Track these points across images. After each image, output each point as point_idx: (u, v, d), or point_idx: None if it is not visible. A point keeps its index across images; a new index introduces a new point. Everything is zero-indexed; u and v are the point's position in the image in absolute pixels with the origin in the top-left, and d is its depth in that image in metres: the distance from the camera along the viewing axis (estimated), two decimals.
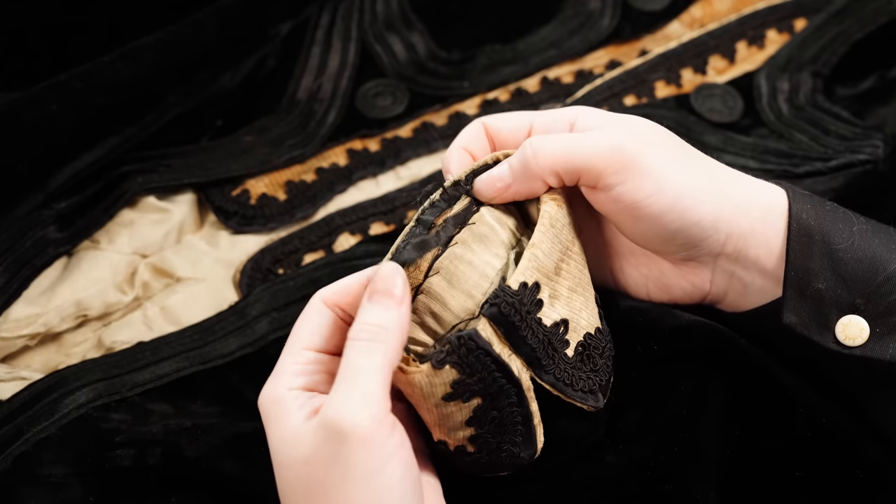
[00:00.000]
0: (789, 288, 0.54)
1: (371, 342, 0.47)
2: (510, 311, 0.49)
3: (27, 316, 0.69)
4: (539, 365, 0.51)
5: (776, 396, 0.57)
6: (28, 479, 0.60)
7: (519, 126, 0.57)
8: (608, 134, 0.53)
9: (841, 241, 0.53)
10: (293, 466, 0.47)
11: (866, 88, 0.81)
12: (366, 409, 0.46)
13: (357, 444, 0.45)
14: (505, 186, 0.54)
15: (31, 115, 0.76)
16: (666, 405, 0.58)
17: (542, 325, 0.51)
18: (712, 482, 0.55)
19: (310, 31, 0.84)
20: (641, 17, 0.86)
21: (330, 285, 0.52)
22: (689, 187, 0.53)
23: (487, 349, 0.49)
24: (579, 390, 0.53)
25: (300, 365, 0.50)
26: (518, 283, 0.50)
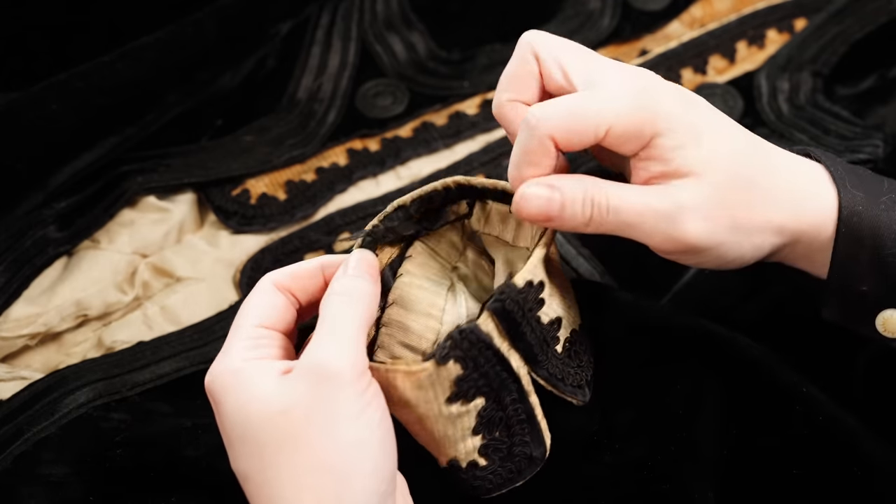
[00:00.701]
0: (831, 287, 0.53)
1: (350, 299, 0.49)
2: (514, 308, 0.50)
3: (27, 315, 0.69)
4: (535, 360, 0.52)
5: (773, 394, 0.57)
6: (28, 479, 0.60)
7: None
8: (674, 222, 0.50)
9: (893, 244, 0.51)
10: (267, 419, 0.46)
11: (866, 88, 0.81)
12: (349, 357, 0.47)
13: (342, 387, 0.46)
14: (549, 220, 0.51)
15: (31, 114, 0.76)
16: (662, 404, 0.58)
17: (539, 323, 0.52)
18: (710, 481, 0.55)
19: (310, 31, 0.84)
20: (641, 17, 0.86)
21: (280, 269, 0.53)
22: (735, 251, 0.52)
23: (488, 342, 0.50)
24: (570, 385, 0.54)
25: (252, 340, 0.50)
26: (524, 282, 0.50)
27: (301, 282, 0.52)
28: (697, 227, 0.51)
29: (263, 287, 0.52)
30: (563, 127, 0.49)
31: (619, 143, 0.50)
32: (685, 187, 0.50)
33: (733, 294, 0.64)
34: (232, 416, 0.48)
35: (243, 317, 0.51)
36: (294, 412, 0.46)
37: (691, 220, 0.50)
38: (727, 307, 0.64)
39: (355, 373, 0.47)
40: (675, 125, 0.50)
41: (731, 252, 0.53)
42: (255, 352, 0.49)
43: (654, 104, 0.50)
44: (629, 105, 0.49)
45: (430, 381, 0.50)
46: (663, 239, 0.51)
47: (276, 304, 0.51)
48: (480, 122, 0.81)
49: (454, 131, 0.80)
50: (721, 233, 0.51)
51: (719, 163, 0.51)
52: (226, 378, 0.48)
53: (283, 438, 0.46)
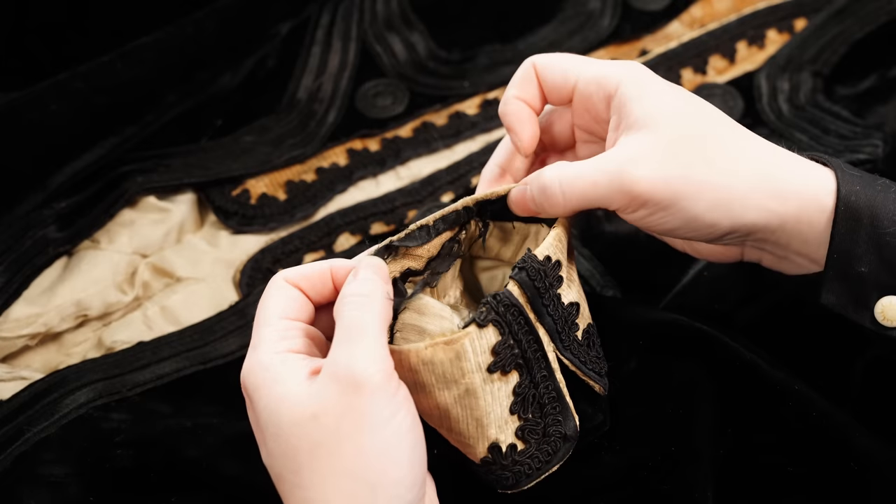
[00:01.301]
0: (830, 270, 0.53)
1: (367, 300, 0.49)
2: (537, 277, 0.52)
3: (27, 316, 0.69)
4: (559, 339, 0.53)
5: (766, 393, 0.57)
6: (28, 479, 0.60)
7: (564, 81, 0.57)
8: (620, 173, 0.53)
9: (890, 223, 0.52)
10: (299, 423, 0.47)
11: (866, 88, 0.81)
12: (377, 362, 0.47)
13: (370, 394, 0.46)
14: (533, 212, 0.56)
15: (31, 114, 0.77)
16: (661, 405, 0.58)
17: (560, 302, 0.53)
18: (709, 480, 0.55)
19: (310, 31, 0.84)
20: (641, 17, 0.86)
21: (290, 268, 0.53)
22: (703, 211, 0.53)
23: (520, 307, 0.51)
24: (592, 370, 0.55)
25: (280, 331, 0.50)
26: (543, 255, 0.52)
27: (310, 282, 0.53)
28: (647, 175, 0.52)
29: (277, 283, 0.52)
30: (544, 60, 0.57)
31: (589, 92, 0.56)
32: (634, 140, 0.53)
33: (732, 297, 0.64)
34: (265, 413, 0.48)
35: (265, 312, 0.51)
36: (325, 419, 0.46)
37: (640, 169, 0.52)
38: (725, 310, 0.64)
39: (384, 377, 0.47)
40: (633, 78, 0.55)
41: (702, 216, 0.53)
42: (283, 343, 0.49)
43: (616, 66, 0.56)
44: (596, 64, 0.57)
45: (472, 348, 0.50)
46: (620, 195, 0.53)
47: (294, 297, 0.52)
48: (480, 122, 0.81)
49: (454, 131, 0.80)
50: (677, 184, 0.52)
51: (670, 116, 0.53)
52: (258, 374, 0.49)
53: (314, 444, 0.47)
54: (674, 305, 0.66)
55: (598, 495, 0.56)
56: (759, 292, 0.64)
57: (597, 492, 0.56)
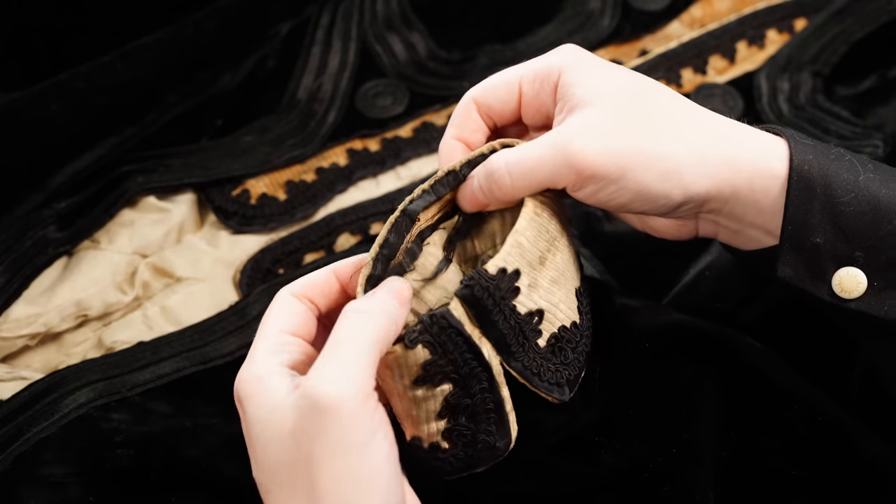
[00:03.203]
0: (785, 242, 0.52)
1: (366, 317, 0.48)
2: (483, 295, 0.50)
3: (27, 316, 0.69)
4: (508, 351, 0.51)
5: (772, 394, 0.57)
6: (28, 479, 0.60)
7: (509, 93, 0.56)
8: (566, 145, 0.52)
9: (844, 193, 0.51)
10: (280, 440, 0.46)
11: (866, 88, 0.81)
12: (349, 384, 0.45)
13: (341, 419, 0.45)
14: (483, 205, 0.55)
15: (31, 114, 0.77)
16: (662, 405, 0.58)
17: (515, 313, 0.51)
18: (710, 482, 0.55)
19: (310, 31, 0.84)
20: (641, 17, 0.86)
21: (295, 281, 0.52)
22: (655, 180, 0.52)
23: (459, 328, 0.49)
24: (546, 381, 0.53)
25: (276, 345, 0.50)
26: (496, 269, 0.50)
27: (316, 289, 0.52)
28: (593, 147, 0.51)
29: (282, 297, 0.52)
30: (482, 87, 0.57)
31: (535, 90, 0.55)
32: (578, 116, 0.53)
33: (732, 297, 0.64)
34: (256, 425, 0.47)
35: (265, 326, 0.51)
36: (300, 437, 0.45)
37: (585, 141, 0.51)
38: (727, 309, 0.64)
39: (357, 401, 0.45)
40: (574, 63, 0.54)
41: (653, 186, 0.52)
42: (276, 357, 0.49)
43: (555, 55, 0.56)
44: (534, 60, 0.56)
45: (396, 364, 0.50)
46: (566, 169, 0.52)
47: (297, 311, 0.51)
48: None
49: None
50: (624, 154, 0.51)
51: (613, 91, 0.53)
52: (248, 385, 0.48)
53: (293, 463, 0.46)
54: (674, 305, 0.66)
55: (598, 495, 0.56)
56: (760, 291, 0.64)
57: (596, 491, 0.56)
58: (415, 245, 0.55)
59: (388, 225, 0.54)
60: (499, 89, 0.56)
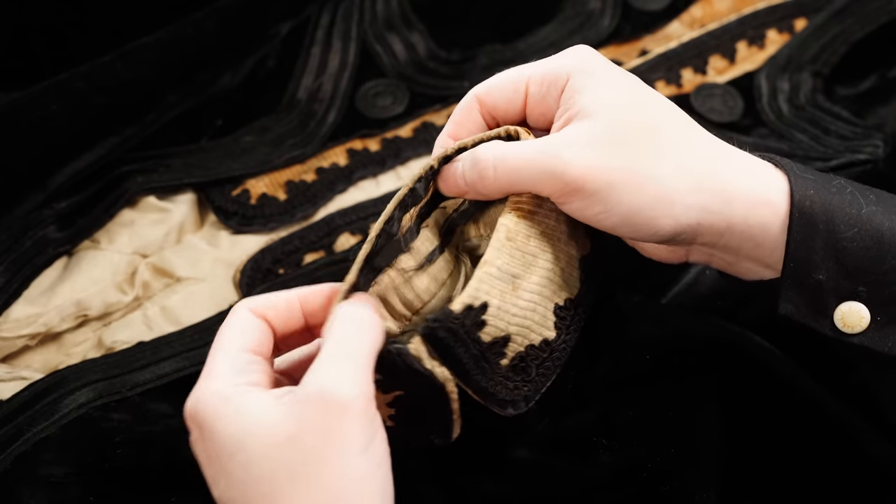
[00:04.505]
0: (787, 279, 0.51)
1: (362, 324, 0.48)
2: (446, 335, 0.49)
3: (27, 316, 0.69)
4: (466, 376, 0.51)
5: (776, 394, 0.57)
6: (28, 479, 0.60)
7: (515, 95, 0.54)
8: (555, 153, 0.50)
9: (847, 228, 0.50)
10: (275, 447, 0.45)
11: (866, 88, 0.81)
12: (361, 385, 0.46)
13: (353, 418, 0.45)
14: (462, 193, 0.54)
15: (31, 114, 0.76)
16: (662, 405, 0.58)
17: (478, 343, 0.51)
18: (712, 482, 0.55)
19: (310, 31, 0.84)
20: (641, 17, 0.86)
21: (255, 297, 0.51)
22: (644, 206, 0.50)
23: (414, 367, 0.49)
24: (500, 399, 0.52)
25: (239, 364, 0.48)
26: (463, 306, 0.50)
27: (277, 311, 0.51)
28: (581, 161, 0.50)
29: (240, 312, 0.50)
30: (487, 85, 0.55)
31: (542, 93, 0.53)
32: (575, 126, 0.51)
33: (732, 297, 0.64)
34: (230, 443, 0.46)
35: (225, 340, 0.49)
36: (304, 440, 0.45)
37: (574, 153, 0.50)
38: (726, 310, 0.64)
39: (365, 402, 0.46)
40: (583, 68, 0.52)
41: (641, 212, 0.50)
42: (244, 377, 0.48)
43: (566, 56, 0.54)
44: (544, 61, 0.54)
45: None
46: (550, 178, 0.50)
47: (257, 328, 0.50)
48: None
49: None
50: (614, 171, 0.50)
51: (614, 106, 0.51)
52: (216, 404, 0.46)
53: (293, 466, 0.45)
54: (675, 304, 0.66)
55: (597, 495, 0.56)
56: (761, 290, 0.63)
57: (595, 492, 0.56)
58: (413, 225, 0.54)
59: (395, 201, 0.53)
60: (505, 88, 0.55)
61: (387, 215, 0.53)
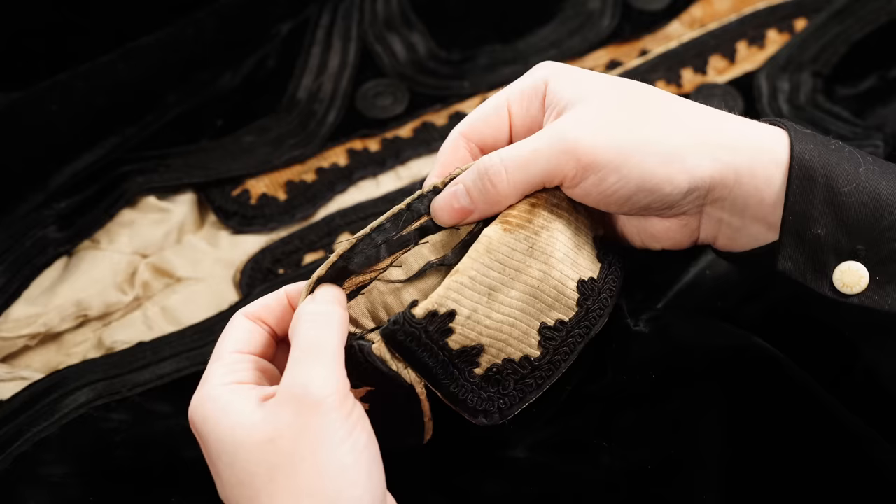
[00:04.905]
0: (786, 234, 0.51)
1: (324, 319, 0.49)
2: (405, 339, 0.50)
3: (27, 316, 0.69)
4: (434, 379, 0.52)
5: (780, 397, 0.57)
6: (28, 479, 0.60)
7: (500, 120, 0.55)
8: (561, 134, 0.51)
9: (845, 183, 0.50)
10: (253, 449, 0.46)
11: (866, 88, 0.81)
12: (333, 382, 0.47)
13: (326, 413, 0.46)
14: (465, 214, 0.53)
15: (31, 115, 0.77)
16: (663, 407, 0.58)
17: (446, 349, 0.51)
18: (713, 485, 0.55)
19: (310, 31, 0.84)
20: (642, 17, 0.86)
21: (250, 304, 0.53)
22: (657, 164, 0.51)
23: (377, 365, 0.50)
24: (472, 408, 0.53)
25: (228, 365, 0.50)
26: (425, 312, 0.50)
27: (270, 310, 0.53)
28: (591, 134, 0.50)
29: (235, 319, 0.52)
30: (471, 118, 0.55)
31: (524, 107, 0.54)
32: (569, 113, 0.52)
33: (733, 297, 0.64)
34: (217, 444, 0.48)
35: (219, 348, 0.51)
36: (281, 441, 0.46)
37: (582, 131, 0.51)
38: (727, 310, 0.64)
39: (339, 396, 0.47)
40: (559, 71, 0.54)
41: (656, 172, 0.51)
42: (231, 376, 0.49)
43: (538, 69, 0.55)
44: (519, 80, 0.55)
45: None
46: (565, 158, 0.51)
47: (250, 330, 0.52)
48: None
49: None
50: (624, 140, 0.51)
51: (604, 89, 0.52)
52: (206, 407, 0.48)
53: (271, 467, 0.46)
54: (675, 304, 0.66)
55: (597, 496, 0.56)
56: (761, 290, 0.64)
57: (595, 492, 0.56)
58: (412, 235, 0.55)
59: (389, 213, 0.54)
60: (489, 117, 0.55)
61: (377, 224, 0.53)
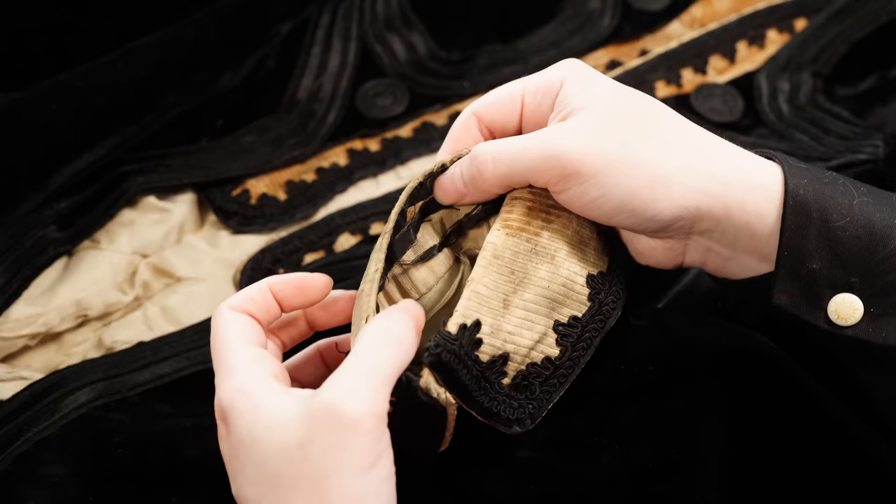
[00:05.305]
0: (781, 269, 0.51)
1: (392, 339, 0.48)
2: (450, 359, 0.50)
3: (27, 316, 0.69)
4: (469, 398, 0.51)
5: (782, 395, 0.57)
6: (28, 479, 0.60)
7: (513, 107, 0.56)
8: (551, 139, 0.51)
9: (839, 217, 0.50)
10: (285, 450, 0.46)
11: (866, 88, 0.81)
12: (374, 403, 0.46)
13: (360, 436, 0.45)
14: (461, 195, 0.54)
15: (31, 115, 0.77)
16: (664, 406, 0.58)
17: (478, 363, 0.51)
18: (714, 484, 0.55)
19: (310, 31, 0.84)
20: (642, 17, 0.86)
21: (232, 296, 0.52)
22: (642, 187, 0.51)
23: (420, 397, 0.50)
24: (505, 419, 0.53)
25: (251, 357, 0.49)
26: (457, 326, 0.50)
27: (256, 304, 0.52)
28: (580, 143, 0.51)
29: (225, 313, 0.51)
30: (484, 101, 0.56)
31: (537, 102, 0.54)
32: (575, 118, 0.52)
33: (731, 298, 0.64)
34: (248, 440, 0.47)
35: (227, 340, 0.50)
36: (311, 449, 0.45)
37: (572, 136, 0.51)
38: (726, 310, 0.64)
39: (376, 420, 0.46)
40: (576, 74, 0.54)
41: (640, 193, 0.51)
42: (261, 368, 0.49)
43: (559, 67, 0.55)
44: (539, 74, 0.55)
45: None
46: (550, 162, 0.51)
47: (248, 323, 0.51)
48: None
49: None
50: (611, 153, 0.51)
51: (607, 99, 0.53)
52: (238, 400, 0.47)
53: (297, 475, 0.45)
54: (675, 304, 0.66)
55: (597, 495, 0.56)
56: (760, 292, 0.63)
57: (596, 491, 0.56)
58: (416, 220, 0.55)
59: (405, 195, 0.54)
60: (503, 101, 0.56)
61: (399, 208, 0.54)
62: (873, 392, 0.57)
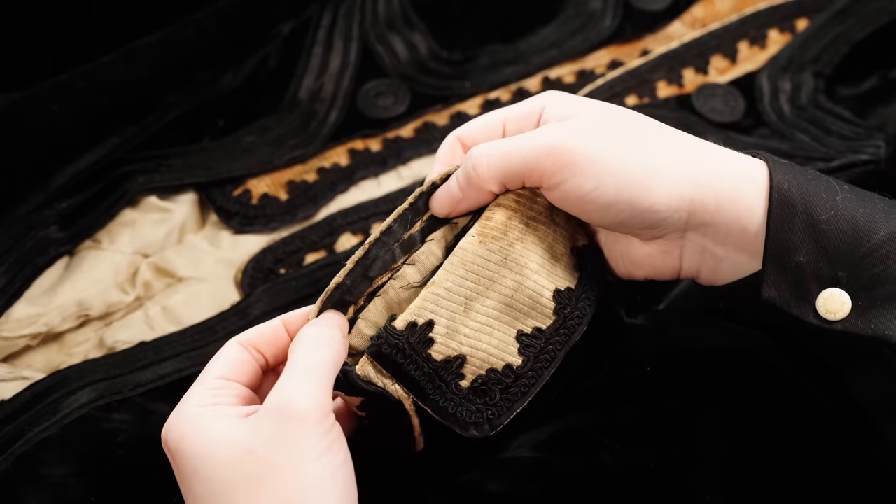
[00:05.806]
0: (769, 262, 0.52)
1: (321, 341, 0.51)
2: (391, 351, 0.52)
3: (29, 316, 0.69)
4: (422, 394, 0.53)
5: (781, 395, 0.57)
6: (29, 480, 0.60)
7: (493, 131, 0.57)
8: (544, 134, 0.53)
9: (823, 211, 0.51)
10: (234, 461, 0.47)
11: (868, 88, 0.81)
12: (317, 396, 0.48)
13: (308, 427, 0.47)
14: (457, 202, 0.55)
15: (32, 114, 0.77)
16: (664, 406, 0.58)
17: (430, 361, 0.53)
18: (714, 484, 0.55)
19: (311, 31, 0.84)
20: (643, 17, 0.86)
21: (245, 331, 0.54)
22: (636, 176, 0.52)
23: (360, 385, 0.52)
24: (462, 420, 0.54)
25: (209, 390, 0.51)
26: (406, 323, 0.52)
27: (265, 338, 0.54)
28: (574, 136, 0.52)
29: (228, 346, 0.54)
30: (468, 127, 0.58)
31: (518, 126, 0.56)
32: (564, 122, 0.54)
33: (735, 296, 0.64)
34: (195, 460, 0.48)
35: (205, 373, 0.52)
36: (261, 452, 0.47)
37: (564, 132, 0.52)
38: (727, 310, 0.64)
39: (320, 413, 0.48)
40: (557, 97, 0.56)
41: (634, 184, 0.52)
42: (211, 399, 0.51)
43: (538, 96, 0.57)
44: (520, 104, 0.57)
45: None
46: (545, 154, 0.52)
47: (238, 359, 0.53)
48: None
49: None
50: (604, 146, 0.52)
51: (595, 108, 0.54)
52: (183, 425, 0.49)
53: (250, 478, 0.47)
54: (675, 304, 0.66)
55: (598, 495, 0.56)
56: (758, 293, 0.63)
57: (596, 491, 0.56)
58: (417, 235, 0.55)
59: (395, 215, 0.55)
60: (484, 129, 0.57)
61: (385, 227, 0.55)
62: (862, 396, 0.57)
